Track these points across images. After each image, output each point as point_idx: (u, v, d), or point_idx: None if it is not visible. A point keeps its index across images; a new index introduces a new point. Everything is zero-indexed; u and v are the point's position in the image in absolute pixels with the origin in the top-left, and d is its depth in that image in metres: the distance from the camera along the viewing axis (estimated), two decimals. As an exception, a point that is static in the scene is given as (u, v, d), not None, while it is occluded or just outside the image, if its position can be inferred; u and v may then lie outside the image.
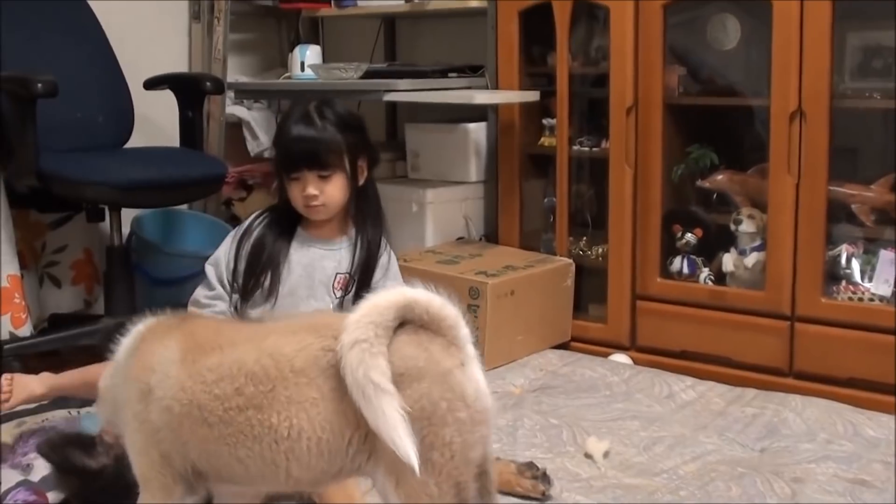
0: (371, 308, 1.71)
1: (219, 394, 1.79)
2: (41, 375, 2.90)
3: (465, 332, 1.77)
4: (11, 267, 3.44)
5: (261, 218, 2.81)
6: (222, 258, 2.82)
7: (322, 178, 2.65)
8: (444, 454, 1.69)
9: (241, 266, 2.77)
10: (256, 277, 2.72)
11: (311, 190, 2.65)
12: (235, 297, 2.74)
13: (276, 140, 2.78)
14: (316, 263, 2.72)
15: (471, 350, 1.77)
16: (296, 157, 2.66)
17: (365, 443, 1.72)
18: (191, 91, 3.90)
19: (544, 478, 2.42)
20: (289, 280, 2.74)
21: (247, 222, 2.81)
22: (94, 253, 4.07)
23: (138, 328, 2.03)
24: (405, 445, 1.62)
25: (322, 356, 1.74)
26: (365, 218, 2.77)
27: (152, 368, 1.87)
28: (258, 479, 1.83)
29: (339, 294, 2.74)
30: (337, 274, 2.73)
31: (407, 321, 1.74)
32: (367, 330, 1.68)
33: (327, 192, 2.65)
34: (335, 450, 1.74)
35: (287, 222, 2.77)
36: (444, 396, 1.70)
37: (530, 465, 2.43)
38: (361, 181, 2.73)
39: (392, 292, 1.76)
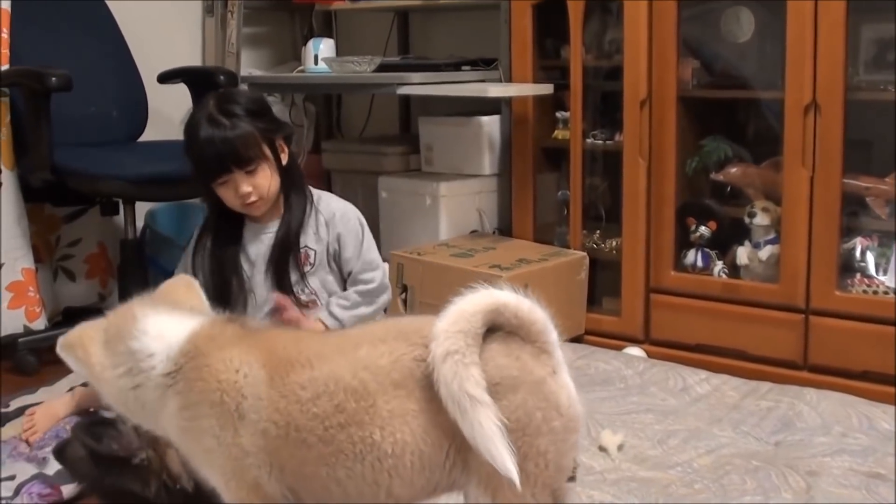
0: (458, 315, 1.66)
1: (317, 412, 1.70)
2: (63, 397, 2.89)
3: (554, 336, 1.74)
4: (26, 260, 3.46)
5: (205, 231, 2.82)
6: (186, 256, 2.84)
7: (249, 173, 2.63)
8: (539, 464, 1.67)
9: (202, 282, 2.76)
10: (225, 289, 2.73)
11: (244, 188, 2.63)
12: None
13: (188, 149, 2.69)
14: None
15: (560, 355, 1.74)
16: (215, 162, 2.61)
17: (459, 454, 1.68)
18: (204, 85, 3.90)
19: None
20: (256, 274, 2.78)
21: (193, 239, 2.82)
22: (108, 246, 4.09)
23: (192, 330, 1.83)
24: (503, 458, 1.58)
25: (416, 367, 1.68)
26: (289, 193, 2.76)
27: (240, 392, 1.74)
28: (355, 499, 1.74)
29: (306, 268, 2.78)
30: (304, 248, 2.79)
31: (496, 326, 1.70)
32: (458, 340, 1.63)
33: (259, 185, 2.64)
34: (435, 463, 1.69)
35: (230, 224, 2.78)
36: (538, 406, 1.67)
37: None
38: (285, 160, 2.73)
39: (479, 296, 1.69)
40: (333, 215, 2.81)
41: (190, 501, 2.15)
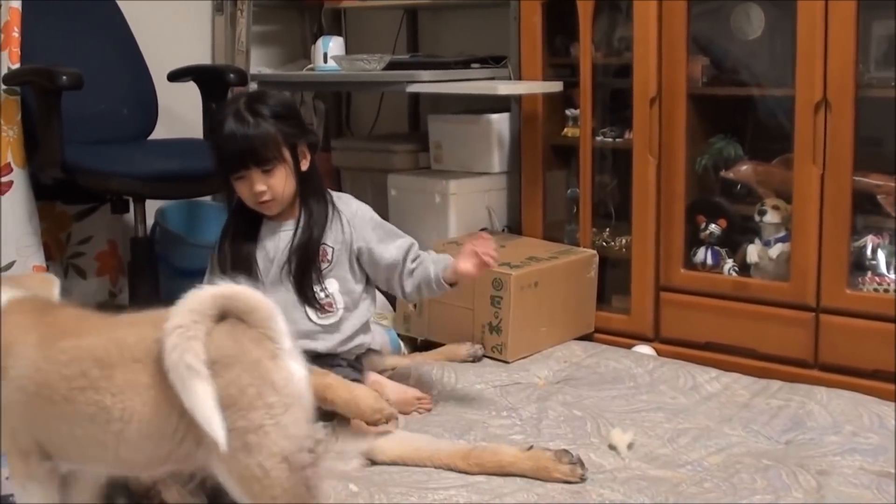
0: (193, 298, 1.86)
1: (67, 374, 1.91)
2: None
3: (279, 325, 1.89)
4: (37, 258, 3.46)
5: (227, 227, 2.91)
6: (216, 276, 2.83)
7: (266, 172, 2.69)
8: (259, 435, 1.82)
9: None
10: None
11: (259, 186, 2.70)
12: None
13: (211, 142, 2.79)
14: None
15: (286, 343, 1.89)
16: (235, 157, 2.69)
17: (191, 428, 1.84)
18: (214, 83, 3.91)
19: (580, 462, 2.43)
20: (271, 270, 2.81)
21: (219, 235, 2.92)
22: (118, 244, 4.10)
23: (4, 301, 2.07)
24: (212, 423, 1.76)
25: (156, 347, 1.84)
26: (308, 200, 2.81)
27: (9, 351, 1.97)
28: (89, 457, 1.98)
29: (324, 266, 2.82)
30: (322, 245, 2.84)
31: (229, 314, 1.87)
32: (186, 317, 1.82)
33: (275, 186, 2.71)
34: (163, 433, 1.87)
35: (248, 220, 2.86)
36: (252, 383, 1.84)
37: (566, 452, 2.44)
38: (305, 166, 2.78)
39: (215, 286, 1.90)
40: (355, 214, 2.86)
41: None
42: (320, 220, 2.82)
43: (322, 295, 2.81)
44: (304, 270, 2.80)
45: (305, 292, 2.79)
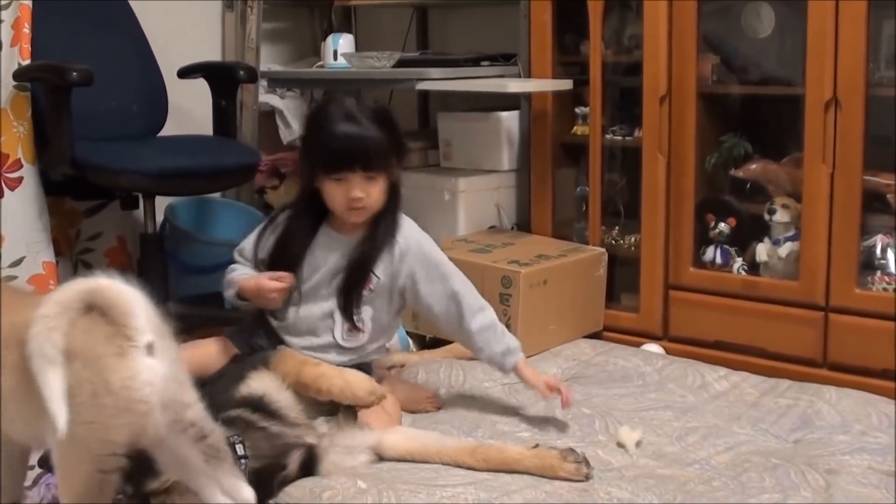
0: (61, 290, 1.92)
1: None
2: None
3: (139, 322, 1.90)
4: (47, 254, 3.47)
5: (286, 213, 2.81)
6: (248, 249, 2.85)
7: (369, 179, 2.62)
8: (84, 430, 1.84)
9: (264, 259, 2.79)
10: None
11: (358, 192, 2.62)
12: None
13: (315, 137, 2.70)
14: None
15: (143, 340, 1.89)
16: (344, 156, 2.60)
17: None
18: (224, 80, 3.92)
19: (586, 461, 2.43)
20: (313, 278, 2.76)
21: (268, 219, 2.84)
22: (127, 240, 4.10)
23: None
24: (57, 410, 1.80)
25: None
26: (381, 218, 2.74)
27: None
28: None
29: (364, 293, 2.74)
30: None
31: (95, 307, 1.90)
32: (52, 307, 1.86)
33: (372, 195, 2.64)
34: (29, 414, 1.92)
35: (312, 219, 2.76)
36: (90, 379, 1.85)
37: (571, 451, 2.44)
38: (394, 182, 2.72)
39: (86, 279, 1.93)
40: (408, 250, 2.76)
41: None
42: (383, 243, 2.73)
43: (354, 318, 2.75)
44: (351, 288, 2.73)
45: (345, 310, 2.74)
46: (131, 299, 1.92)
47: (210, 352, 2.82)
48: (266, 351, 2.71)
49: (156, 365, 1.91)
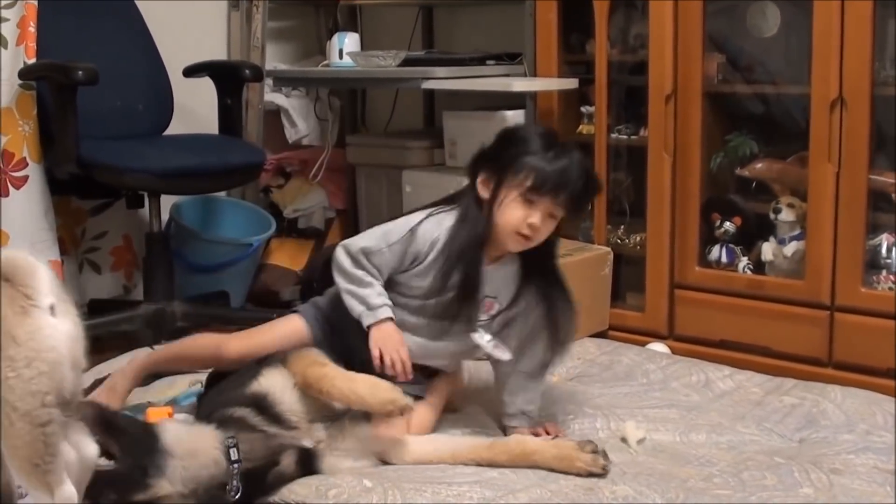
0: None
1: None
2: (122, 370, 2.92)
3: (40, 285, 1.96)
4: (52, 253, 3.48)
5: (445, 227, 2.65)
6: (386, 265, 2.65)
7: (552, 215, 2.55)
8: (6, 389, 1.88)
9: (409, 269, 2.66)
10: (444, 289, 2.62)
11: (537, 219, 2.53)
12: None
13: (529, 150, 2.58)
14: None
15: (45, 301, 1.95)
16: (559, 179, 2.52)
17: None
18: (230, 78, 3.93)
19: (604, 454, 2.43)
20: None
21: (414, 228, 2.64)
22: (133, 239, 4.11)
23: None
24: None
25: None
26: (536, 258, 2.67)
27: None
28: None
29: (484, 318, 2.68)
30: (486, 297, 2.66)
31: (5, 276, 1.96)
32: None
33: (542, 231, 2.56)
34: None
35: (477, 241, 2.62)
36: None
37: (588, 442, 2.45)
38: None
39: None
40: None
41: None
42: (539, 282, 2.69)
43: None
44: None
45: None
46: (33, 266, 1.99)
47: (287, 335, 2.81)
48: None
49: (58, 323, 1.97)
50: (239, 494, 2.25)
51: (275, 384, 2.45)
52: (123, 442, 2.21)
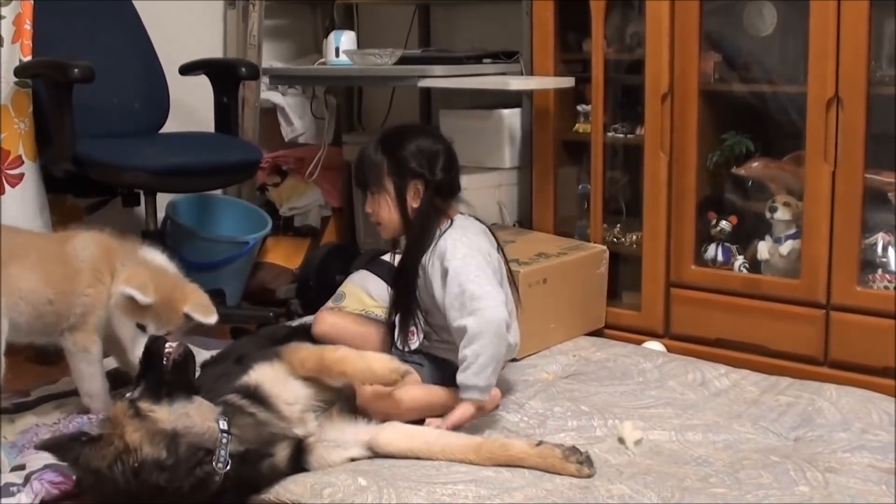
0: None
1: None
2: None
3: None
4: (48, 251, 3.47)
5: None
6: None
7: (371, 195, 2.86)
8: None
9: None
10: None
11: (367, 208, 2.89)
12: None
13: None
14: None
15: None
16: (354, 175, 3.02)
17: None
18: (226, 76, 3.92)
19: (588, 461, 2.43)
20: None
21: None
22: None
23: None
24: None
25: None
26: (410, 234, 2.87)
27: None
28: None
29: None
30: None
31: None
32: None
33: (376, 212, 2.87)
34: None
35: None
36: None
37: (574, 450, 2.44)
38: (415, 203, 2.83)
39: None
40: (440, 255, 2.79)
41: (146, 474, 2.23)
42: (414, 254, 2.84)
43: (418, 326, 2.87)
44: (397, 300, 2.91)
45: (403, 315, 2.88)
46: None
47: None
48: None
49: None
50: (228, 467, 2.28)
51: (266, 376, 2.51)
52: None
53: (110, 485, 2.23)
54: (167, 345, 2.35)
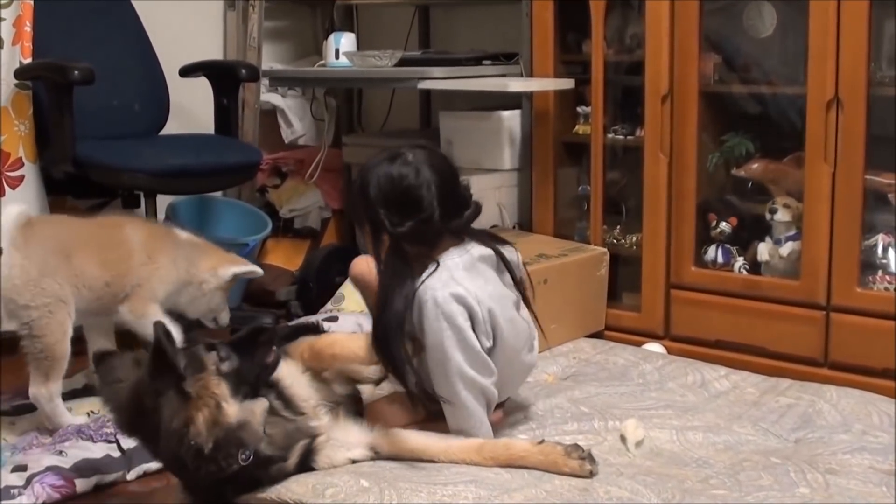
0: None
1: None
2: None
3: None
4: (48, 253, 3.47)
5: None
6: None
7: (364, 231, 2.59)
8: None
9: None
10: None
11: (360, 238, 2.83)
12: None
13: None
14: None
15: None
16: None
17: None
18: (226, 78, 3.92)
19: (590, 458, 2.43)
20: None
21: None
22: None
23: None
24: None
25: None
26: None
27: None
28: None
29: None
30: None
31: None
32: None
33: (366, 245, 2.62)
34: None
35: None
36: None
37: (576, 447, 2.44)
38: (381, 250, 2.53)
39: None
40: (418, 307, 2.50)
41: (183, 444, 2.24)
42: (382, 318, 2.48)
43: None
44: (384, 347, 2.49)
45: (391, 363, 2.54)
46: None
47: None
48: None
49: None
50: (248, 461, 2.29)
51: (285, 372, 2.53)
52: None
53: (151, 423, 2.25)
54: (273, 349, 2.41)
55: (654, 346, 3.47)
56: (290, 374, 2.54)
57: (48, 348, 2.80)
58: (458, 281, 2.49)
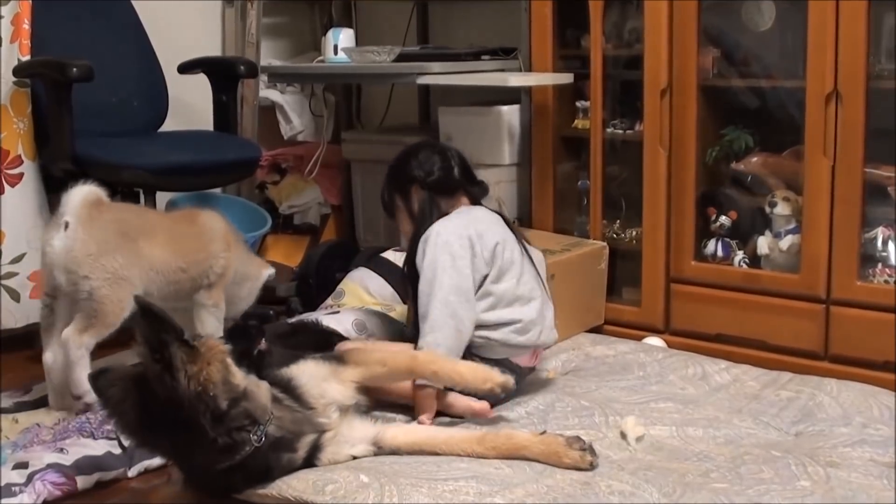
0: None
1: None
2: None
3: (67, 209, 2.89)
4: (48, 250, 3.47)
5: None
6: None
7: (395, 216, 3.09)
8: None
9: None
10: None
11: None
12: None
13: None
14: None
15: (63, 219, 2.87)
16: None
17: None
18: (224, 75, 3.92)
19: (591, 450, 2.43)
20: None
21: None
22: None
23: None
24: None
25: None
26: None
27: None
28: None
29: None
30: None
31: None
32: None
33: (401, 228, 3.09)
34: None
35: None
36: None
37: (577, 439, 2.45)
38: (416, 205, 2.99)
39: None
40: (423, 241, 2.92)
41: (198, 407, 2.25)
42: (413, 247, 2.94)
43: None
44: (412, 293, 2.96)
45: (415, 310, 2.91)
46: (71, 196, 2.89)
47: None
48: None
49: (62, 237, 2.85)
50: (261, 443, 2.31)
51: (303, 372, 2.55)
52: None
53: (164, 387, 2.23)
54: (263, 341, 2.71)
55: (655, 341, 3.48)
56: (306, 372, 2.55)
57: (101, 314, 2.89)
58: (454, 223, 2.90)
